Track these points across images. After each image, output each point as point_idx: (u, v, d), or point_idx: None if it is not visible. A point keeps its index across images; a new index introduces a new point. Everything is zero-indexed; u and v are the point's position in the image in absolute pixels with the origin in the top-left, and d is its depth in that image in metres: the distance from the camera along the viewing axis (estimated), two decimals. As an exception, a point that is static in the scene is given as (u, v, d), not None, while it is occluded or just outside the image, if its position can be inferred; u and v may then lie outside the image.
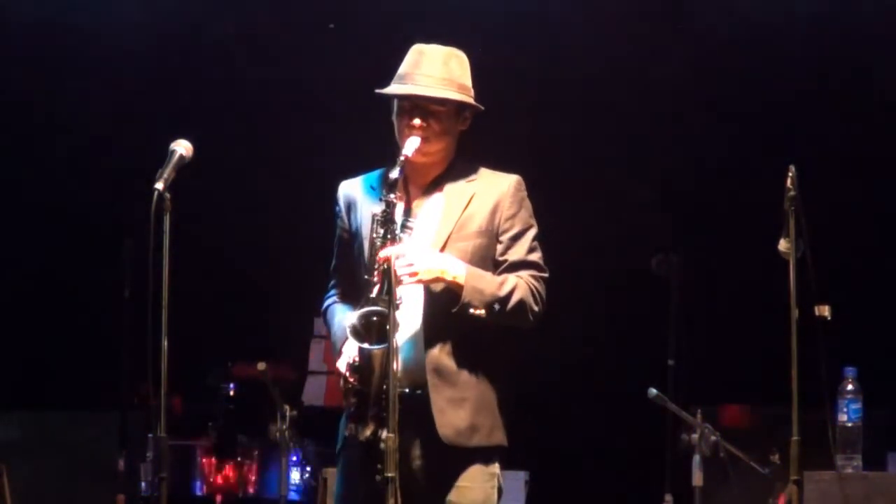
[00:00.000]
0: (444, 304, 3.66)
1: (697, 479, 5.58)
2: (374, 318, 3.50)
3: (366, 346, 3.54)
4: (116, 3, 6.97)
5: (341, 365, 3.66)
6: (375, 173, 3.87)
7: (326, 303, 3.94)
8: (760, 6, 6.63)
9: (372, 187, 3.82)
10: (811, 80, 6.64)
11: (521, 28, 6.75)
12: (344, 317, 3.75)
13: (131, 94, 6.96)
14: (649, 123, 6.86)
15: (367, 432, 3.61)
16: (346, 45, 6.83)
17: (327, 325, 3.91)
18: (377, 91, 3.79)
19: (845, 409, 4.71)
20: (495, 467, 3.75)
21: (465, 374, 3.68)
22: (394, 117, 3.80)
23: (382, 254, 3.54)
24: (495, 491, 3.74)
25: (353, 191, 3.86)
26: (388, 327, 3.43)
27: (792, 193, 3.84)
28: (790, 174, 3.85)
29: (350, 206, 3.85)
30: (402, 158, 3.65)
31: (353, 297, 3.78)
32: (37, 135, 7.07)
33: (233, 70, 7.02)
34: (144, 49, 6.95)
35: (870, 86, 6.55)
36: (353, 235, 3.82)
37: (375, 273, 3.56)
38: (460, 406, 3.67)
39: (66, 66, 6.96)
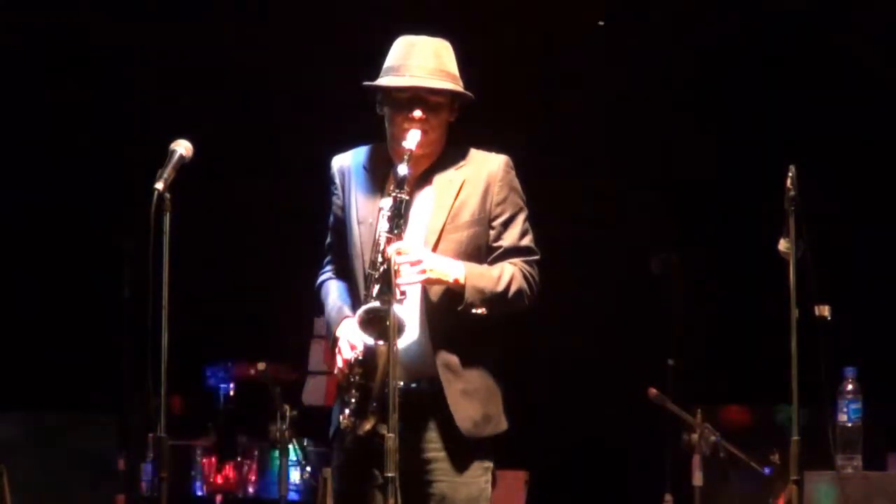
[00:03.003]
0: (443, 300, 3.67)
1: (697, 479, 5.58)
2: (381, 314, 3.50)
3: (380, 342, 3.54)
4: (117, 2, 6.97)
5: (344, 355, 3.65)
6: (363, 150, 3.85)
7: (321, 278, 3.94)
8: (761, 5, 6.63)
9: (365, 168, 3.81)
10: (811, 80, 6.64)
11: (519, 26, 6.74)
12: (339, 296, 3.79)
13: (131, 94, 6.96)
14: (649, 123, 6.86)
15: (367, 426, 3.61)
16: (346, 42, 6.82)
17: (321, 301, 3.90)
18: (366, 84, 3.76)
19: (845, 409, 4.71)
20: (489, 461, 3.75)
21: (469, 366, 3.69)
22: (383, 110, 3.77)
23: (388, 250, 3.54)
24: (489, 485, 3.75)
25: (345, 167, 3.85)
26: (395, 322, 3.44)
27: (792, 193, 3.84)
28: (790, 174, 3.85)
29: (343, 183, 3.84)
30: (407, 153, 3.63)
31: (346, 275, 3.80)
32: (36, 134, 7.06)
33: (233, 69, 7.02)
34: (144, 48, 6.95)
35: (870, 85, 6.55)
36: (344, 212, 3.82)
37: (381, 268, 3.56)
38: (472, 397, 3.69)
39: (66, 65, 6.96)
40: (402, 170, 3.59)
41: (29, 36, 6.94)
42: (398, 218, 3.58)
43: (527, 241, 3.78)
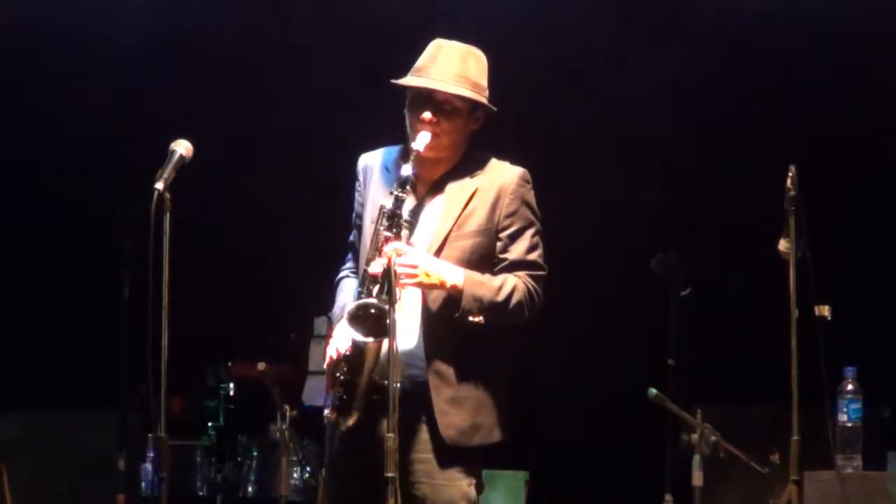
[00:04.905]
0: (441, 306, 3.67)
1: (697, 479, 5.58)
2: (372, 312, 3.51)
3: (369, 339, 3.54)
4: (117, 2, 6.97)
5: (331, 351, 3.67)
6: (394, 150, 3.86)
7: (340, 275, 3.95)
8: (762, 5, 6.63)
9: (387, 168, 3.81)
10: (812, 80, 6.64)
11: (521, 27, 6.74)
12: (346, 295, 3.80)
13: (132, 94, 6.96)
14: (650, 123, 6.86)
15: (350, 422, 3.63)
16: (347, 45, 6.82)
17: (334, 297, 3.92)
18: (392, 81, 3.77)
19: (845, 409, 4.71)
20: (475, 468, 3.74)
21: (463, 374, 3.69)
22: (406, 110, 3.79)
23: (385, 249, 3.54)
24: (473, 488, 3.73)
25: (370, 165, 3.86)
26: (387, 322, 3.43)
27: (792, 193, 3.85)
28: (790, 174, 3.85)
29: (365, 180, 3.85)
30: (414, 154, 3.64)
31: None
32: (36, 135, 7.06)
33: (233, 70, 7.02)
34: (144, 49, 6.95)
35: (870, 85, 6.55)
36: (363, 209, 3.83)
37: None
38: (461, 406, 3.68)
39: (66, 65, 6.96)
40: (406, 170, 3.59)
41: (29, 34, 6.94)
42: (396, 217, 3.58)
43: (534, 255, 3.76)
